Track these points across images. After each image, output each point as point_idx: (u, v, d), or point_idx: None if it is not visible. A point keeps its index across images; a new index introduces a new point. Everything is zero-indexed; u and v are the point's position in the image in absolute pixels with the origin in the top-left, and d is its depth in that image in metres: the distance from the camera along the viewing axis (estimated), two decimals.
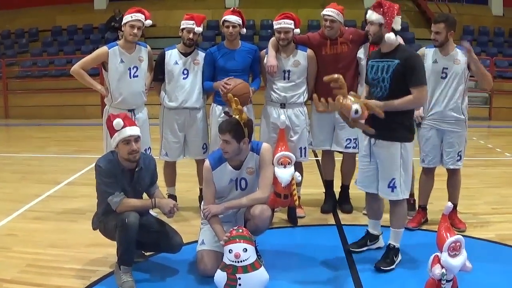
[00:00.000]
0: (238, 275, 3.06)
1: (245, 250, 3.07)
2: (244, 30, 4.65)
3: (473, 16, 15.26)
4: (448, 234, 2.82)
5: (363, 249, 3.86)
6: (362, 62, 4.49)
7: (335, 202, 4.93)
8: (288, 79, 4.57)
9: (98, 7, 16.23)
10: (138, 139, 3.41)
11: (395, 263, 3.57)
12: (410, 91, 3.40)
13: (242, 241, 3.10)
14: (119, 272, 3.31)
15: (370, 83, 3.59)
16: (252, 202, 3.49)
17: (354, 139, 4.61)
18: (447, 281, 2.81)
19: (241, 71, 4.54)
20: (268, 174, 3.57)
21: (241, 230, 3.19)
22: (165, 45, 5.10)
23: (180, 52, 4.65)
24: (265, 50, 4.64)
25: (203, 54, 4.69)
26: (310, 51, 4.56)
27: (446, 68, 4.11)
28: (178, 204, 3.86)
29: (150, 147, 4.64)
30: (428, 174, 4.39)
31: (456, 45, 4.18)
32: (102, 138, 4.56)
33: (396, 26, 3.42)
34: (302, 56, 4.55)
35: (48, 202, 5.30)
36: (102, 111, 4.88)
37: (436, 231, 2.91)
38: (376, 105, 3.32)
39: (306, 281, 3.41)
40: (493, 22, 15.44)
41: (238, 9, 4.70)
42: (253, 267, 3.09)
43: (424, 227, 4.37)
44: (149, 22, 4.47)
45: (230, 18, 4.51)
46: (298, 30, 4.52)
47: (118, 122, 3.36)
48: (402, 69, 3.39)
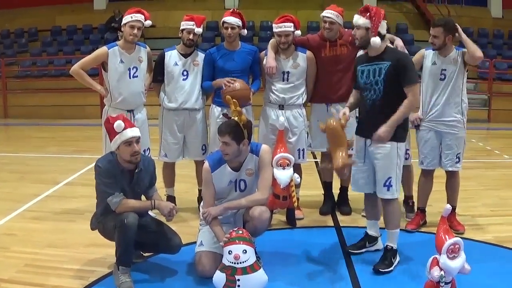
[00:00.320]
0: (237, 277, 3.05)
1: (244, 251, 3.06)
2: (245, 31, 4.64)
3: (472, 18, 15.25)
4: (447, 236, 2.82)
5: (362, 250, 3.86)
6: None
7: (334, 204, 4.93)
8: (287, 81, 4.56)
9: (97, 7, 16.22)
10: (139, 140, 3.41)
11: (394, 265, 3.57)
12: (403, 91, 3.47)
13: (242, 242, 3.09)
14: (118, 272, 3.31)
15: (362, 87, 3.65)
16: (251, 204, 3.49)
17: None
18: (446, 283, 2.81)
19: (240, 72, 4.54)
20: (267, 176, 3.57)
21: (241, 232, 3.18)
22: (164, 46, 5.09)
23: (179, 53, 4.64)
24: (264, 52, 4.64)
25: (203, 55, 4.68)
26: (309, 53, 4.56)
27: (445, 69, 4.11)
28: (177, 205, 3.85)
29: (149, 148, 4.64)
30: (427, 176, 4.39)
31: (455, 46, 4.17)
32: (101, 139, 4.54)
33: (382, 31, 3.50)
34: (302, 57, 4.55)
35: (46, 202, 5.29)
36: (101, 112, 4.87)
37: (435, 233, 2.90)
38: (383, 131, 3.45)
39: (305, 282, 3.41)
40: (492, 24, 15.46)
41: (238, 10, 4.70)
42: (252, 269, 3.08)
43: (423, 229, 4.37)
44: (148, 22, 4.47)
45: (229, 19, 4.51)
46: (299, 32, 4.51)
47: (119, 124, 3.33)
48: (395, 69, 3.47)
